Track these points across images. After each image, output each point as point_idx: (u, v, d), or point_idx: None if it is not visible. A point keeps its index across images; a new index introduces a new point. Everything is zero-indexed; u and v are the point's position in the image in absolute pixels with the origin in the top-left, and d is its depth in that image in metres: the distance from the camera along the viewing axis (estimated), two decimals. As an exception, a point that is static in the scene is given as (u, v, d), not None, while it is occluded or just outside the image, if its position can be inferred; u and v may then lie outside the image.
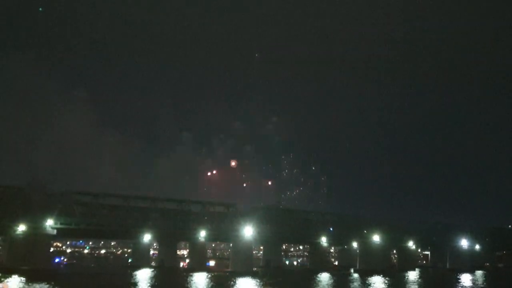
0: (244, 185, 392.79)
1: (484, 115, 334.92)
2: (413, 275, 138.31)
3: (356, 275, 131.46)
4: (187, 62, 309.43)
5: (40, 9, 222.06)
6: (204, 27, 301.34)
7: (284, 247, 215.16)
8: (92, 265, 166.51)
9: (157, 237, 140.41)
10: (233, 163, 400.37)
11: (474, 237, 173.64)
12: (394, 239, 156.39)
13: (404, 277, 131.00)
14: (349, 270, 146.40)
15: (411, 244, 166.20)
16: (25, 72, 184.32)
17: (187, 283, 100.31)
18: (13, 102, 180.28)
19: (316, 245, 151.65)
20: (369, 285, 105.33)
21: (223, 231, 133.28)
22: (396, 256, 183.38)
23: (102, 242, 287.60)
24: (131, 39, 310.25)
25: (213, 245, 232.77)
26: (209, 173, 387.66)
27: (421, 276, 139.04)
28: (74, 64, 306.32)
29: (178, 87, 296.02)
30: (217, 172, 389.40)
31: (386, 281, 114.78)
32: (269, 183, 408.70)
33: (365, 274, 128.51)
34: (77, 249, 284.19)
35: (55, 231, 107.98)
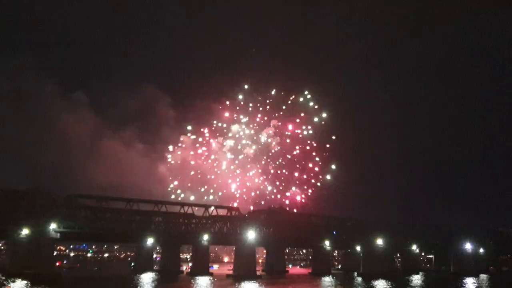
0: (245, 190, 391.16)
1: (488, 115, 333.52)
2: (416, 279, 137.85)
3: (359, 279, 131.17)
4: (187, 61, 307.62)
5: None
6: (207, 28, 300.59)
7: (287, 250, 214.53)
8: (95, 268, 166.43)
9: (160, 241, 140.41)
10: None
11: (478, 240, 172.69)
12: (398, 242, 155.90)
13: (408, 281, 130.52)
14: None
15: (414, 248, 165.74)
16: (27, 75, 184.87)
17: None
18: (15, 105, 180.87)
19: (320, 249, 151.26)
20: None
21: (226, 235, 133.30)
22: (399, 259, 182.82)
23: (105, 246, 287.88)
24: (129, 39, 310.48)
25: (216, 249, 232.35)
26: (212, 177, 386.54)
27: (424, 280, 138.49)
28: (77, 66, 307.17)
29: (178, 87, 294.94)
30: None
31: (390, 285, 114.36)
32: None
33: (369, 277, 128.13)
34: (80, 253, 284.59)
35: (58, 235, 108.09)
